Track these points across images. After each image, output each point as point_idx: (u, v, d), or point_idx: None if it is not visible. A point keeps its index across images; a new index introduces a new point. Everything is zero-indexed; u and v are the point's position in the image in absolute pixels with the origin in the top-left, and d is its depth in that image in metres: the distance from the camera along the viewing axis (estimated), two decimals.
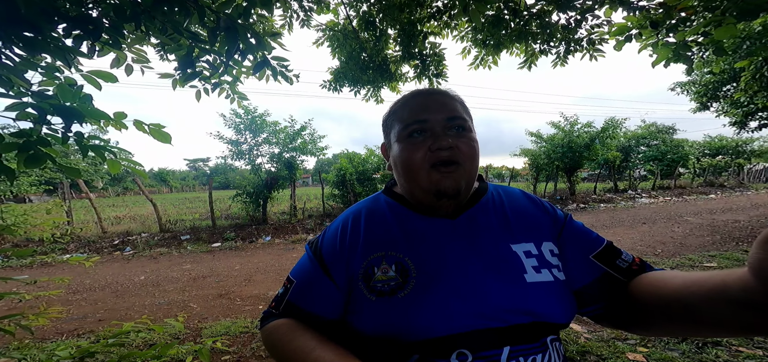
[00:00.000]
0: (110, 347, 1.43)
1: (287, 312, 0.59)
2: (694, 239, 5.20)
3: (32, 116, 0.93)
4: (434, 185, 0.55)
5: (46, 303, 2.89)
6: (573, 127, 11.84)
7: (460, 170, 0.55)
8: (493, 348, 0.48)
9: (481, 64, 2.99)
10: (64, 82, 0.93)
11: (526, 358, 0.49)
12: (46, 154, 0.99)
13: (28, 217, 3.55)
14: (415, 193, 0.59)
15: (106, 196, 27.42)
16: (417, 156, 0.56)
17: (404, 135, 0.58)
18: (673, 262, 3.88)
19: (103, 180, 28.36)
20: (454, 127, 0.57)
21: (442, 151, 0.55)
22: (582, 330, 2.31)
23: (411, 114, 0.58)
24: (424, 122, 0.57)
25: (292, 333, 0.55)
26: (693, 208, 9.13)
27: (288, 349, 0.53)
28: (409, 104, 0.60)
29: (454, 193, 0.55)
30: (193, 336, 2.54)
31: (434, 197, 0.56)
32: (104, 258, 5.53)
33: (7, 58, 0.80)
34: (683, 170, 18.66)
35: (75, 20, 0.83)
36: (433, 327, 0.48)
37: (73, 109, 0.95)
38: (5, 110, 0.84)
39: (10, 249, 1.35)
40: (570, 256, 0.57)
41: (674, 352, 1.95)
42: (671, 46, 1.89)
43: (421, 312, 0.49)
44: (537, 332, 0.50)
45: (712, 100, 9.94)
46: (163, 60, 1.61)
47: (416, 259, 0.54)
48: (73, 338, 2.58)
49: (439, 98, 0.59)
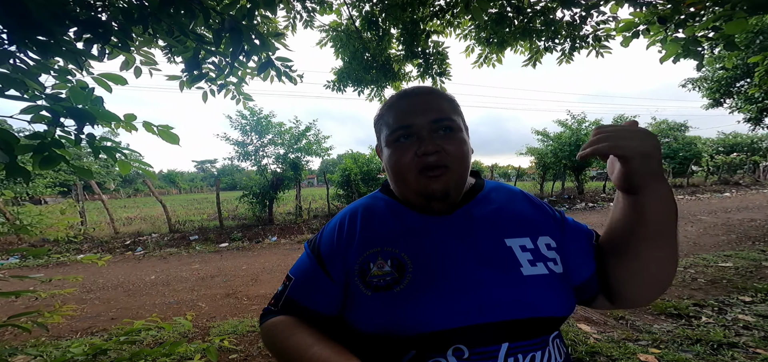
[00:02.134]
0: (122, 345, 1.47)
1: (286, 309, 0.60)
2: (709, 238, 5.06)
3: (46, 118, 0.96)
4: (423, 189, 0.55)
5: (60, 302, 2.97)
6: (581, 125, 11.68)
7: (448, 173, 0.55)
8: (491, 343, 0.47)
9: (485, 62, 2.97)
10: (76, 85, 0.96)
11: (524, 356, 0.48)
12: (59, 155, 1.02)
13: (44, 218, 3.66)
14: (406, 195, 0.60)
15: (118, 197, 28.04)
16: (405, 160, 0.56)
17: (391, 140, 0.58)
18: (686, 262, 3.78)
19: (115, 182, 29.02)
20: (441, 128, 0.56)
21: (429, 156, 0.54)
22: (591, 330, 2.26)
23: (396, 119, 0.58)
24: (409, 128, 0.56)
25: (290, 330, 0.55)
26: (707, 206, 8.90)
27: (285, 345, 0.53)
28: (394, 108, 0.60)
29: (443, 196, 0.55)
30: (201, 334, 2.59)
31: (424, 200, 0.57)
32: (116, 258, 5.66)
33: (22, 61, 0.83)
34: (696, 168, 18.19)
35: (85, 23, 0.86)
36: (429, 322, 0.48)
37: (85, 111, 0.98)
38: (20, 113, 0.87)
39: (26, 249, 1.40)
40: (572, 253, 0.58)
41: (688, 353, 1.89)
42: (680, 41, 1.86)
43: (417, 306, 0.49)
44: (536, 328, 0.49)
45: (726, 96, 9.67)
46: (171, 62, 1.64)
47: (412, 254, 0.54)
48: (87, 336, 2.64)
49: (424, 99, 0.58)
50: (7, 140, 0.86)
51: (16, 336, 2.55)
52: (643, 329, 2.25)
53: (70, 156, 1.09)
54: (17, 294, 1.17)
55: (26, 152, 0.96)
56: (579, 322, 2.38)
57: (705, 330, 2.15)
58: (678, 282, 3.17)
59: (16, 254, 5.51)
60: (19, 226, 1.48)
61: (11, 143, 0.88)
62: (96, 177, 14.49)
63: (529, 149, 12.89)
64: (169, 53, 1.50)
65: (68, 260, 5.37)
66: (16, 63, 0.82)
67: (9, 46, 0.78)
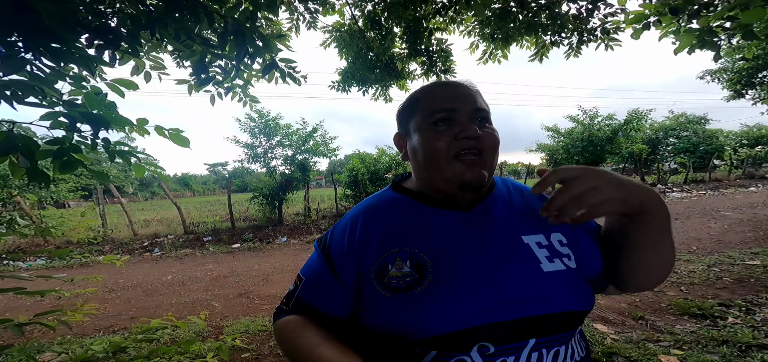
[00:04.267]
0: (140, 343, 1.53)
1: (296, 309, 0.60)
2: (734, 235, 4.82)
3: (64, 124, 1.01)
4: (458, 177, 0.54)
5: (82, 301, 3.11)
6: (593, 120, 11.37)
7: (483, 162, 0.55)
8: (517, 340, 0.47)
9: (491, 59, 2.93)
10: (91, 91, 1.01)
11: (548, 351, 0.48)
12: (78, 160, 1.07)
13: (65, 220, 3.84)
14: (436, 183, 0.58)
15: (136, 200, 29.06)
16: (440, 145, 0.55)
17: (428, 123, 0.57)
18: (710, 260, 3.62)
19: (133, 186, 30.09)
20: (480, 118, 0.57)
21: (470, 139, 0.54)
22: (608, 330, 2.19)
23: (436, 102, 0.57)
24: (452, 111, 0.56)
25: (299, 330, 0.56)
26: (731, 202, 8.48)
27: (294, 345, 0.54)
28: (433, 93, 0.59)
29: (478, 185, 0.55)
30: (215, 333, 2.66)
31: (458, 189, 0.55)
32: (136, 259, 5.88)
33: (39, 69, 0.88)
34: (718, 162, 17.40)
35: (96, 30, 0.90)
36: (452, 321, 0.47)
37: (100, 116, 1.03)
38: (40, 119, 0.93)
39: (51, 250, 1.47)
40: (583, 250, 0.58)
41: (713, 355, 1.80)
42: (695, 32, 1.78)
43: (440, 307, 0.48)
44: (561, 324, 0.49)
45: (747, 87, 9.20)
46: (180, 67, 1.71)
47: (432, 253, 0.53)
48: (109, 334, 2.76)
49: (465, 89, 0.59)
50: (29, 146, 0.92)
51: (44, 333, 2.68)
52: (664, 329, 2.16)
53: (89, 161, 1.14)
54: (42, 293, 1.24)
55: (46, 157, 1.02)
56: (595, 322, 2.31)
57: (732, 331, 2.04)
58: (702, 280, 3.03)
59: (43, 255, 5.80)
60: (42, 228, 1.57)
61: (32, 149, 0.94)
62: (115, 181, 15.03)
63: (540, 145, 12.65)
64: (177, 58, 1.57)
65: (91, 261, 5.61)
66: (33, 70, 0.87)
67: (25, 54, 0.84)
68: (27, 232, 1.78)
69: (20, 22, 0.73)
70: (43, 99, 0.92)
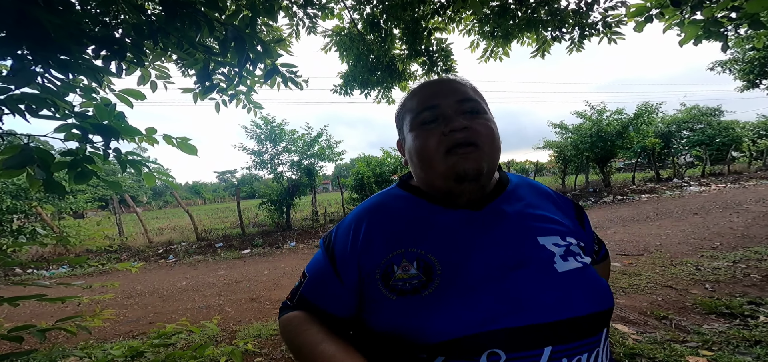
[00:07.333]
0: (156, 347, 1.58)
1: (300, 305, 0.60)
2: (759, 229, 4.55)
3: (77, 136, 1.06)
4: (452, 169, 0.52)
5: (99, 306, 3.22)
6: (601, 115, 11.10)
7: (479, 152, 0.52)
8: (531, 347, 0.43)
9: (492, 57, 2.92)
10: (101, 102, 1.06)
11: (569, 360, 0.44)
12: (91, 171, 1.12)
13: (82, 230, 3.98)
14: (434, 182, 0.56)
15: (150, 209, 29.83)
16: (430, 143, 0.54)
17: (416, 124, 0.57)
18: (735, 256, 3.45)
19: (147, 195, 30.94)
20: (467, 110, 0.55)
21: (456, 132, 0.52)
22: (629, 330, 2.10)
23: (420, 102, 0.57)
24: (434, 108, 0.55)
25: (302, 326, 0.56)
26: (753, 195, 8.08)
27: (297, 341, 0.54)
28: (418, 94, 0.59)
29: (476, 174, 0.52)
30: (228, 337, 2.70)
31: (455, 182, 0.53)
32: (151, 266, 6.04)
33: (50, 82, 0.93)
34: (737, 154, 16.75)
35: (101, 41, 0.95)
36: (460, 326, 0.44)
37: (110, 127, 1.08)
38: (54, 131, 0.98)
39: (70, 258, 1.52)
40: (589, 237, 0.60)
41: (746, 356, 1.69)
42: (699, 23, 1.73)
43: (447, 310, 0.46)
44: (581, 329, 0.45)
45: (761, 76, 8.87)
46: (185, 76, 1.76)
47: (440, 255, 0.50)
48: (128, 338, 2.84)
49: (448, 84, 0.58)
50: (44, 158, 0.97)
51: (68, 339, 2.78)
52: (690, 329, 2.06)
53: (102, 171, 1.19)
54: (62, 300, 1.29)
55: (61, 169, 1.07)
56: (615, 322, 2.22)
57: (764, 330, 1.93)
58: (728, 277, 2.89)
59: (64, 263, 6.02)
60: (61, 237, 1.64)
61: (48, 160, 0.99)
62: (129, 191, 15.46)
63: (547, 142, 12.42)
64: (182, 66, 1.62)
65: (109, 269, 5.80)
66: (44, 83, 0.92)
67: (34, 67, 0.88)
68: (47, 241, 1.86)
69: (27, 35, 0.77)
70: (55, 112, 0.97)
